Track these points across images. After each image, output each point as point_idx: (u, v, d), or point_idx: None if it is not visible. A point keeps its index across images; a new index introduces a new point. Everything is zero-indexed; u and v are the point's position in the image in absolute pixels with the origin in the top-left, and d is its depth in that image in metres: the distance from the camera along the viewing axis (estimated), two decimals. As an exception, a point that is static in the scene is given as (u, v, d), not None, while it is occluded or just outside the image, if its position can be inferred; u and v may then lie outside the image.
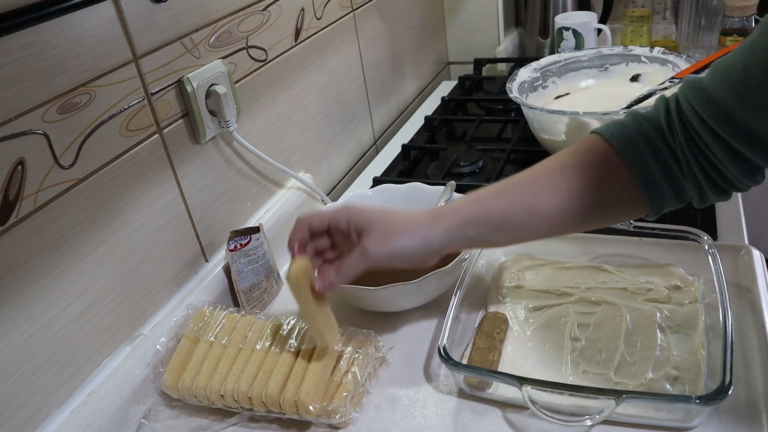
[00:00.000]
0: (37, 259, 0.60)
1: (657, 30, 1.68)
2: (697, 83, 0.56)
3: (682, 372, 0.64)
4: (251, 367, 0.68)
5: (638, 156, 0.59)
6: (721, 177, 0.57)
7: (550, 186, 0.61)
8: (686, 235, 0.76)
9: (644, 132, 0.59)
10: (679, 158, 0.58)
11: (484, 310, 0.77)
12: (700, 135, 0.56)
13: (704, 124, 0.55)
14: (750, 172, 0.56)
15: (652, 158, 0.58)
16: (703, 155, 0.57)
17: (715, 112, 0.54)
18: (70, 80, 0.61)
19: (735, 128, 0.53)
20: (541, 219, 0.61)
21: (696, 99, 0.55)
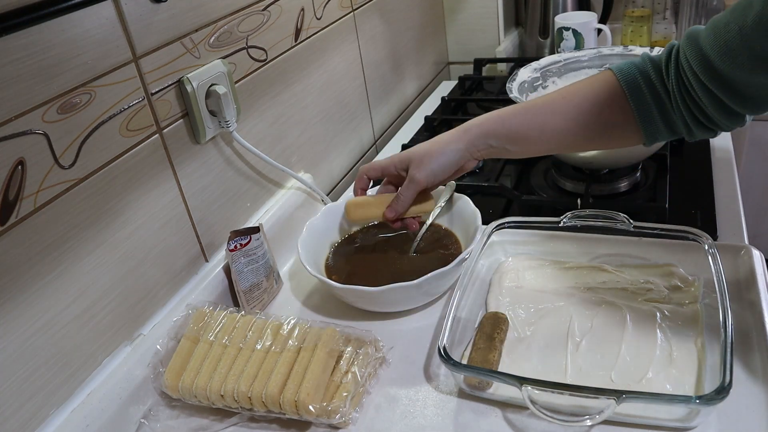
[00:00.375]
0: (37, 259, 0.60)
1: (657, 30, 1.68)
2: (693, 34, 0.64)
3: (682, 372, 0.64)
4: (251, 367, 0.68)
5: (638, 90, 0.68)
6: (706, 117, 0.66)
7: (560, 109, 0.72)
8: (686, 235, 0.76)
9: (647, 72, 0.68)
10: (670, 95, 0.67)
11: (484, 310, 0.77)
12: (689, 78, 0.64)
13: (692, 71, 0.63)
14: (729, 114, 0.64)
15: (649, 94, 0.68)
16: (690, 97, 0.65)
17: (700, 62, 0.62)
18: (70, 80, 0.61)
19: (715, 77, 0.61)
20: (550, 136, 0.73)
21: (689, 48, 0.64)
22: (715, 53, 0.60)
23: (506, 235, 0.85)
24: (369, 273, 0.84)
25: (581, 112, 0.71)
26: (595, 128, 0.71)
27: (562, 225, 0.80)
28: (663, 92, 0.68)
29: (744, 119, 0.66)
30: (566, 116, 0.71)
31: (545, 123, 0.72)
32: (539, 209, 0.98)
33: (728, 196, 0.93)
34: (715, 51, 0.60)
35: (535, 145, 0.75)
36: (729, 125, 0.66)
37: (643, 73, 0.68)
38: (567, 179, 1.02)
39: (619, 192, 0.99)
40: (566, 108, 0.72)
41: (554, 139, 0.73)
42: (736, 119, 0.65)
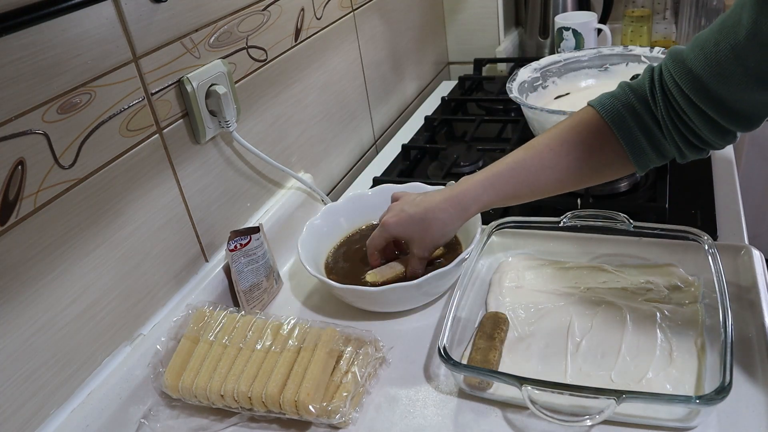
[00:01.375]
0: (37, 259, 0.60)
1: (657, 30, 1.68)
2: (678, 55, 0.63)
3: (682, 372, 0.64)
4: (251, 367, 0.68)
5: (625, 125, 0.67)
6: (698, 139, 0.65)
7: (550, 163, 0.71)
8: (686, 235, 0.76)
9: (630, 102, 0.67)
10: (659, 123, 0.66)
11: (484, 310, 0.77)
12: (678, 101, 0.63)
13: (681, 92, 0.63)
14: (721, 133, 0.64)
15: (636, 126, 0.67)
16: (680, 119, 0.64)
17: (690, 82, 0.61)
18: (70, 80, 0.61)
19: (707, 97, 0.61)
20: (545, 189, 0.73)
21: (675, 69, 0.63)
22: (707, 74, 0.60)
23: (506, 235, 0.85)
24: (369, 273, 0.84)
25: (573, 160, 0.70)
26: (588, 171, 0.71)
27: (562, 225, 0.80)
28: (651, 121, 0.67)
29: (736, 136, 0.65)
30: (558, 168, 0.71)
31: (538, 180, 0.72)
32: (539, 209, 0.98)
33: (728, 196, 0.93)
34: (707, 71, 0.59)
35: (530, 199, 0.75)
36: (721, 144, 0.65)
37: (626, 106, 0.67)
38: (567, 179, 1.02)
39: (619, 192, 0.99)
40: (557, 160, 0.71)
41: (549, 190, 0.74)
42: (728, 137, 0.65)
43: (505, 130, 1.27)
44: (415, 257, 0.79)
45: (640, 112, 0.67)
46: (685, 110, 0.63)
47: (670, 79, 0.63)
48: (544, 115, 0.99)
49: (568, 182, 0.72)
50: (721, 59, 0.58)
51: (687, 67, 0.61)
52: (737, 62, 0.57)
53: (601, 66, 1.15)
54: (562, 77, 1.16)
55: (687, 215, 0.89)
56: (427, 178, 1.09)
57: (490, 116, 1.32)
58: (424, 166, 1.16)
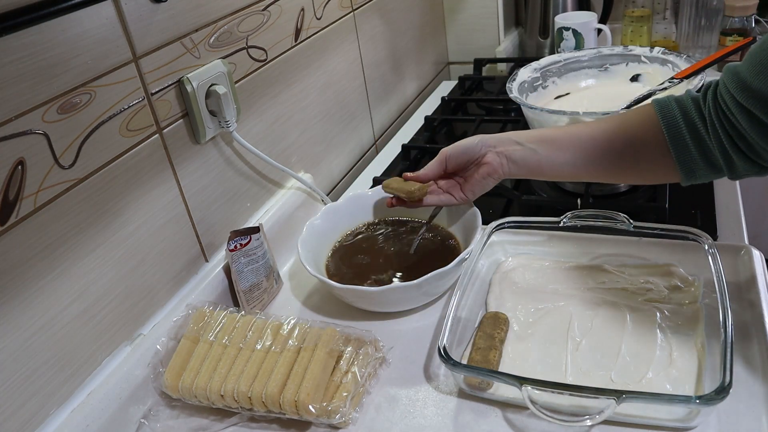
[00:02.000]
0: (37, 259, 0.60)
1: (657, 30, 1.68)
2: (732, 66, 0.63)
3: (682, 372, 0.64)
4: (251, 367, 0.68)
5: (672, 119, 0.68)
6: (746, 144, 0.63)
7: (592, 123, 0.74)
8: (686, 235, 0.76)
9: (684, 103, 0.68)
10: (707, 125, 0.66)
11: (484, 310, 0.77)
12: (728, 105, 0.63)
13: (730, 96, 0.62)
14: None
15: (683, 123, 0.67)
16: (729, 123, 0.63)
17: (738, 85, 0.61)
18: (70, 80, 0.61)
19: (753, 97, 0.59)
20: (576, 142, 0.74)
21: (727, 77, 0.63)
22: (750, 73, 0.59)
23: (506, 235, 0.85)
24: (370, 273, 0.84)
25: (610, 125, 0.72)
26: (624, 146, 0.71)
27: (562, 225, 0.80)
28: (698, 119, 0.66)
29: None
30: (596, 127, 0.73)
31: (573, 129, 0.75)
32: (539, 209, 0.98)
33: (728, 196, 0.93)
34: (750, 71, 0.59)
35: (561, 151, 0.75)
36: None
37: (678, 101, 0.68)
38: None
39: (619, 192, 0.99)
40: (597, 122, 0.74)
41: (580, 145, 0.74)
42: None
43: (505, 130, 1.26)
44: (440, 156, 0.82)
45: (689, 109, 0.67)
46: (731, 108, 0.62)
47: (722, 83, 0.64)
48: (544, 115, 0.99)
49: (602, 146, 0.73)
50: (762, 57, 0.58)
51: (735, 70, 0.62)
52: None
53: (601, 66, 1.15)
54: (562, 77, 1.16)
55: (687, 215, 0.90)
56: (427, 178, 1.09)
57: (490, 116, 1.32)
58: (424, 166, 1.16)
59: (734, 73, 0.62)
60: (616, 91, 1.10)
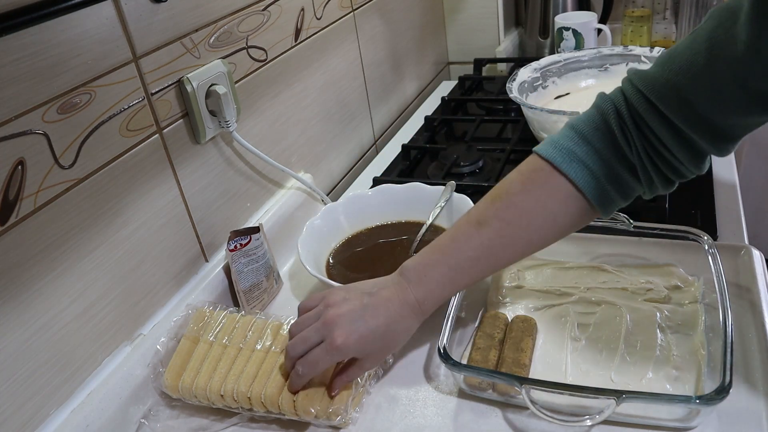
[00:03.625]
0: (37, 259, 0.60)
1: (657, 30, 1.68)
2: (644, 74, 0.59)
3: (682, 372, 0.64)
4: (251, 367, 0.68)
5: (604, 195, 0.62)
6: (673, 170, 0.61)
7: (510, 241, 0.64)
8: (686, 235, 0.76)
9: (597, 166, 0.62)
10: (634, 165, 0.61)
11: (484, 310, 0.77)
12: (649, 124, 0.59)
13: (655, 109, 0.58)
14: (696, 157, 0.60)
15: (607, 181, 0.62)
16: (656, 153, 0.60)
17: (664, 95, 0.57)
18: (70, 80, 0.61)
19: (683, 110, 0.57)
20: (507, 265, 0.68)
21: (645, 86, 0.58)
22: (681, 84, 0.56)
23: (506, 235, 0.85)
24: (370, 272, 0.84)
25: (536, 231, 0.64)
26: (555, 236, 0.66)
27: (562, 225, 0.79)
28: (623, 168, 0.61)
29: (708, 163, 0.62)
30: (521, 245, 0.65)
31: (500, 262, 0.66)
32: (539, 209, 0.98)
33: (728, 196, 0.93)
34: (681, 83, 0.56)
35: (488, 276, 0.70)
36: (693, 171, 0.62)
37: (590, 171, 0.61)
38: (567, 179, 1.02)
39: (619, 192, 0.99)
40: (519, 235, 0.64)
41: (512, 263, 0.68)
42: (702, 163, 0.61)
43: (505, 130, 1.27)
44: (363, 370, 0.66)
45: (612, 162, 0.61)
46: (660, 137, 0.59)
47: (640, 97, 0.59)
48: (544, 115, 0.99)
49: (530, 252, 0.66)
50: (695, 70, 0.55)
51: (658, 81, 0.58)
52: (737, 85, 0.54)
53: (601, 66, 1.15)
54: (562, 77, 1.16)
55: (687, 215, 0.89)
56: (427, 178, 1.09)
57: (490, 116, 1.32)
58: (424, 166, 1.16)
59: (659, 85, 0.58)
60: (616, 91, 1.10)
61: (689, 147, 0.59)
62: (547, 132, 1.02)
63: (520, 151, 1.12)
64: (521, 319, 0.72)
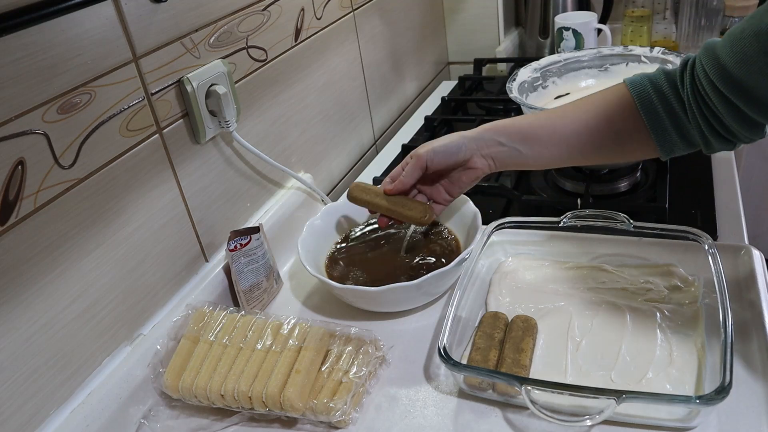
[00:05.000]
0: (37, 259, 0.60)
1: (657, 30, 1.68)
2: (711, 46, 0.63)
3: (682, 372, 0.64)
4: (251, 367, 0.68)
5: (649, 102, 0.68)
6: (723, 127, 0.65)
7: (571, 114, 0.74)
8: (686, 235, 0.76)
9: (658, 84, 0.68)
10: (684, 104, 0.66)
11: (484, 310, 0.77)
12: (705, 89, 0.63)
13: (709, 81, 0.62)
14: (749, 125, 0.63)
15: (660, 105, 0.68)
16: (707, 106, 0.64)
17: (717, 71, 0.61)
18: (70, 80, 0.61)
19: (733, 86, 0.60)
20: (560, 138, 0.74)
21: (706, 60, 0.63)
22: (731, 60, 0.59)
23: (506, 235, 0.85)
24: (369, 273, 0.84)
25: (591, 117, 0.72)
26: (607, 135, 0.72)
27: (562, 225, 0.80)
28: (676, 103, 0.67)
29: (764, 130, 0.64)
30: (577, 120, 0.73)
31: (555, 125, 0.74)
32: (539, 209, 0.98)
33: (728, 196, 0.93)
34: (731, 58, 0.59)
35: (546, 148, 0.75)
36: (749, 136, 0.64)
37: (654, 84, 0.68)
38: (567, 179, 1.02)
39: (619, 192, 0.99)
40: (577, 114, 0.73)
41: (565, 141, 0.74)
42: (756, 130, 0.63)
43: (505, 130, 1.27)
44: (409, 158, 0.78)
45: (667, 93, 0.68)
46: (710, 96, 0.63)
47: (699, 66, 0.64)
48: (544, 115, 0.99)
49: (586, 139, 0.73)
50: (745, 46, 0.57)
51: (715, 56, 0.61)
52: (760, 50, 0.56)
53: (601, 66, 1.15)
54: (562, 77, 1.16)
55: (687, 215, 0.90)
56: (427, 178, 1.09)
57: (490, 116, 1.32)
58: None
59: (713, 57, 0.62)
60: (616, 91, 1.10)
61: (738, 113, 0.62)
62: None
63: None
64: (521, 319, 0.72)
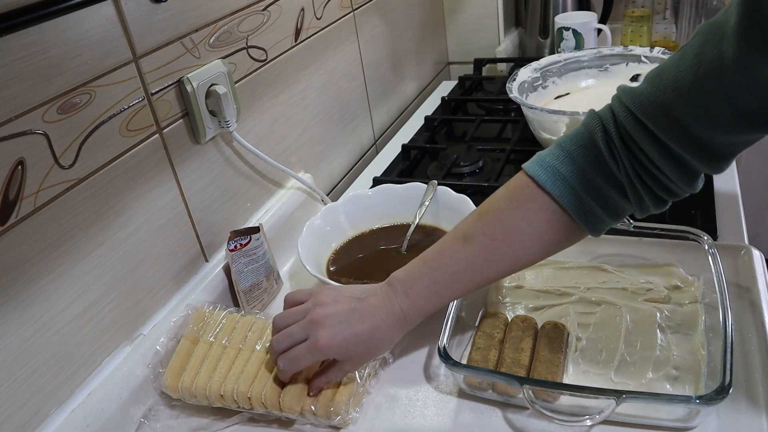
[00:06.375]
0: (37, 259, 0.60)
1: (657, 30, 1.68)
2: (633, 92, 0.58)
3: (682, 372, 0.64)
4: (251, 367, 0.68)
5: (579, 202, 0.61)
6: (664, 189, 0.59)
7: (496, 257, 0.64)
8: (686, 235, 0.76)
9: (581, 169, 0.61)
10: (622, 184, 0.60)
11: (484, 310, 0.77)
12: (637, 142, 0.58)
13: (643, 127, 0.57)
14: (689, 177, 0.59)
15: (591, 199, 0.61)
16: (646, 172, 0.59)
17: (652, 113, 0.56)
18: (70, 80, 0.61)
19: (672, 129, 0.55)
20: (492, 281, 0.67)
21: (633, 104, 0.57)
22: (672, 103, 0.55)
23: (506, 235, 0.85)
24: (369, 273, 0.84)
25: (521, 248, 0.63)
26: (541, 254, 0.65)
27: (562, 225, 0.79)
28: (609, 186, 0.60)
29: (702, 181, 0.61)
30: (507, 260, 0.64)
31: (486, 277, 0.65)
32: (539, 209, 0.98)
33: (728, 196, 0.93)
34: (671, 101, 0.55)
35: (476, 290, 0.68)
36: (686, 190, 0.60)
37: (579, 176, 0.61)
38: (567, 179, 1.02)
39: (619, 192, 0.99)
40: (504, 251, 0.63)
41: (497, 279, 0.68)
42: (695, 182, 0.60)
43: (505, 130, 1.27)
44: (343, 372, 0.66)
45: (595, 179, 0.60)
46: (651, 157, 0.57)
47: (629, 116, 0.58)
48: (544, 115, 0.99)
49: (517, 269, 0.66)
50: (708, 102, 0.53)
51: (648, 100, 0.56)
52: (725, 102, 0.52)
53: (601, 66, 1.15)
54: (562, 77, 1.16)
55: (687, 215, 0.89)
56: (427, 178, 1.09)
57: (490, 116, 1.32)
58: (424, 166, 1.16)
59: (649, 103, 0.57)
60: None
61: (680, 165, 0.58)
62: (547, 132, 1.02)
63: (520, 151, 1.12)
64: (521, 319, 0.72)
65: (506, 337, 0.71)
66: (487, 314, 0.74)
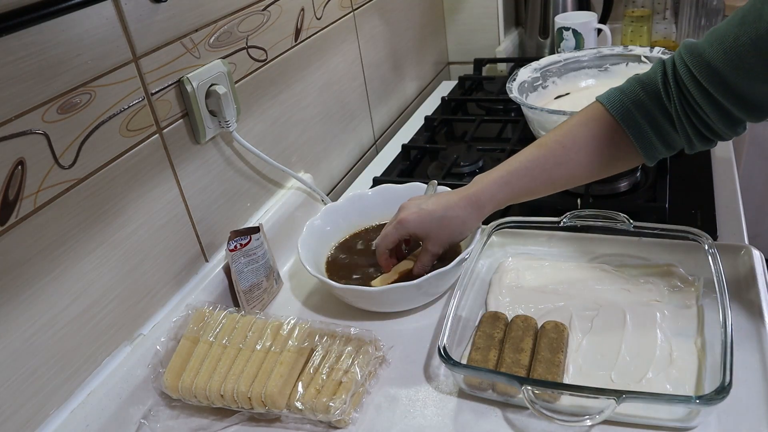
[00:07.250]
0: (37, 259, 0.60)
1: (657, 30, 1.68)
2: (693, 48, 0.65)
3: (682, 372, 0.64)
4: (251, 367, 0.68)
5: (633, 121, 0.70)
6: (709, 129, 0.67)
7: (564, 159, 0.73)
8: (686, 235, 0.76)
9: (639, 97, 0.69)
10: (672, 116, 0.68)
11: (484, 310, 0.77)
12: (693, 95, 0.65)
13: (699, 85, 0.64)
14: (733, 124, 0.66)
15: (644, 121, 0.69)
16: (694, 112, 0.66)
17: (709, 75, 0.63)
18: (70, 80, 0.61)
19: (725, 89, 0.62)
20: (558, 186, 0.76)
21: (692, 62, 0.64)
22: (726, 67, 0.61)
23: (506, 235, 0.85)
24: (369, 273, 0.84)
25: (584, 156, 0.72)
26: (601, 165, 0.73)
27: (562, 225, 0.80)
28: (661, 115, 0.68)
29: (746, 127, 0.67)
30: (572, 165, 0.73)
31: (553, 176, 0.74)
32: (539, 209, 0.98)
33: (728, 196, 0.93)
34: (726, 65, 0.61)
35: (545, 194, 0.77)
36: (731, 135, 0.68)
37: (635, 102, 0.69)
38: (567, 179, 1.02)
39: (619, 192, 0.99)
40: (570, 157, 0.73)
41: (563, 185, 0.76)
42: (739, 128, 0.67)
43: (505, 130, 1.27)
44: (429, 253, 0.78)
45: (650, 107, 0.69)
46: (699, 103, 0.65)
47: (686, 72, 0.65)
48: (544, 115, 0.99)
49: (582, 177, 0.75)
50: (741, 53, 0.59)
51: (705, 60, 0.63)
52: (758, 55, 0.58)
53: (601, 66, 1.15)
54: (562, 77, 1.16)
55: (687, 215, 0.89)
56: (427, 178, 1.09)
57: (490, 116, 1.32)
58: (424, 166, 1.16)
59: (701, 60, 0.63)
60: (616, 91, 1.10)
61: (725, 114, 0.65)
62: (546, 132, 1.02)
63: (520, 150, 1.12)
64: (521, 319, 0.72)
65: (506, 337, 0.71)
66: (487, 314, 0.74)
